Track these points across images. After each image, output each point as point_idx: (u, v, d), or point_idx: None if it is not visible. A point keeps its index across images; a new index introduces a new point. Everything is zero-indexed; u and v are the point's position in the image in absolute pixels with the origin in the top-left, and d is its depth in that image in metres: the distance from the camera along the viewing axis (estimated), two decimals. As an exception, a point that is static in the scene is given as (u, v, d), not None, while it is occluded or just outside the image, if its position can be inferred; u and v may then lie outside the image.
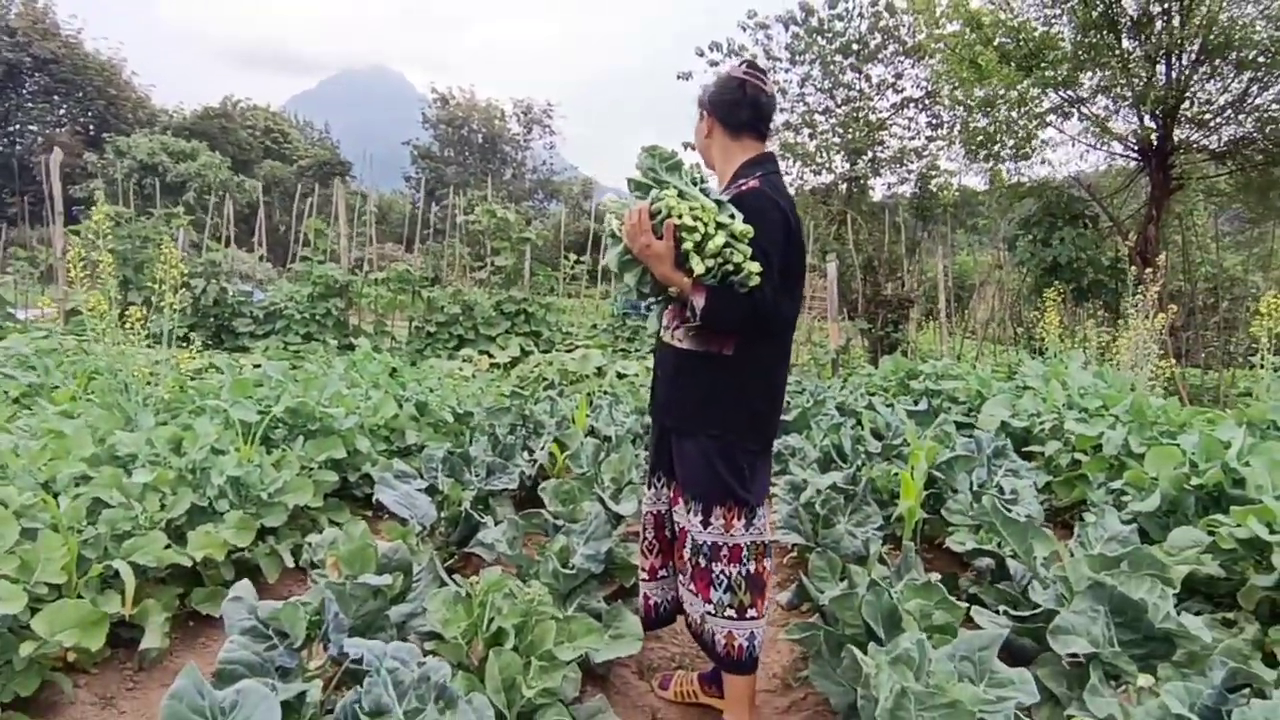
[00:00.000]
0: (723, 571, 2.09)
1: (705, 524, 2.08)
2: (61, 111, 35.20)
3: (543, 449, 4.21)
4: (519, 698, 1.85)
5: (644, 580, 2.37)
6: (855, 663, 1.86)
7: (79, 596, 2.29)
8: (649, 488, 2.34)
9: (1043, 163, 11.79)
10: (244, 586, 2.10)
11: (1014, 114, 10.25)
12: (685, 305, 2.03)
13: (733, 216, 1.96)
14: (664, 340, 2.18)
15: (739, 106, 2.14)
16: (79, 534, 2.40)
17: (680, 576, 2.22)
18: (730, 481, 2.06)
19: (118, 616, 2.34)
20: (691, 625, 2.23)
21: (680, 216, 1.90)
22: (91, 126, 35.09)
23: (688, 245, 1.90)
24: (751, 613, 2.11)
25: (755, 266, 1.92)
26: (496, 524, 2.88)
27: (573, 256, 12.84)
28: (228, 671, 1.83)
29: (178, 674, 1.55)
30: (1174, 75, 9.64)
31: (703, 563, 2.10)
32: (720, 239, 1.90)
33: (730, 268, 1.93)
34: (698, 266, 1.89)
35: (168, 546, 2.56)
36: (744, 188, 2.05)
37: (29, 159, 28.53)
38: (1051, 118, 10.97)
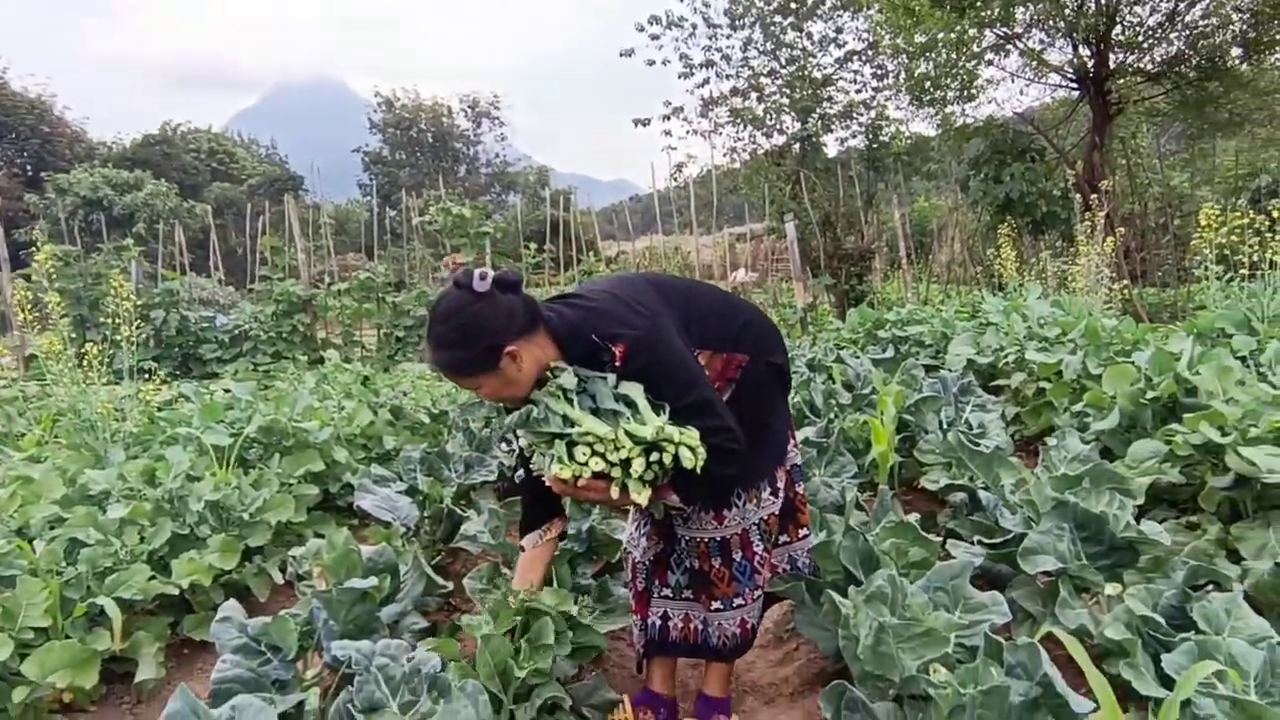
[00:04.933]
0: (743, 559, 2.02)
1: (720, 521, 1.98)
2: (-5, 155, 34.34)
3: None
4: (512, 679, 1.88)
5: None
6: (835, 606, 1.92)
7: (67, 637, 2.29)
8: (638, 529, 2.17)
9: (989, 102, 11.88)
10: (231, 606, 2.12)
11: (954, 56, 10.30)
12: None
13: (634, 409, 1.68)
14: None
15: (513, 308, 1.73)
16: (59, 575, 2.40)
17: (664, 591, 2.12)
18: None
19: (109, 652, 2.34)
20: (677, 641, 2.11)
21: (583, 472, 1.66)
22: (29, 167, 34.22)
23: (616, 488, 1.68)
24: (760, 591, 2.08)
25: (692, 439, 1.68)
26: (479, 516, 2.90)
27: (533, 246, 12.78)
28: (223, 690, 1.85)
29: (173, 699, 1.56)
30: (1103, 1, 9.74)
31: (717, 562, 2.01)
32: (640, 462, 1.66)
33: (669, 465, 1.69)
34: (640, 496, 1.68)
35: (152, 578, 2.57)
36: (615, 361, 1.74)
37: (-33, 208, 27.75)
38: (990, 56, 11.04)
